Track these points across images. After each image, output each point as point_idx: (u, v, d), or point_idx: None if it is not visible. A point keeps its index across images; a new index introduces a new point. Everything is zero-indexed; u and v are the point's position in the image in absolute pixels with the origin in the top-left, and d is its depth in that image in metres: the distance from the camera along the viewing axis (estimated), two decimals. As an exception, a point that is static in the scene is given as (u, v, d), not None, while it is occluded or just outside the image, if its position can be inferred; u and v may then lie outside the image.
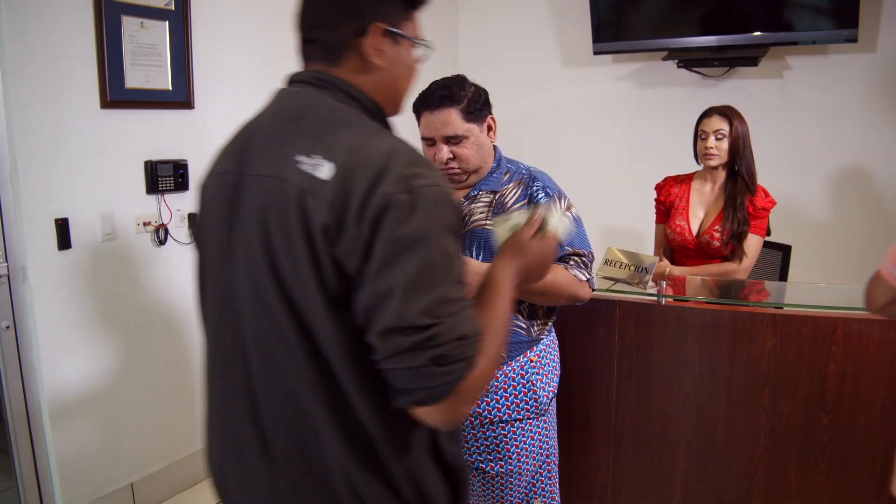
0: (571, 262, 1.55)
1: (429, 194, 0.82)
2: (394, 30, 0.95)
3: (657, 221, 2.53)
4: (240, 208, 0.92)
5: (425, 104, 1.53)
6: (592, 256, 1.60)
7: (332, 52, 0.94)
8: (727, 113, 2.30)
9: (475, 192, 1.58)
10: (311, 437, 0.89)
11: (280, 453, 0.91)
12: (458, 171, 1.55)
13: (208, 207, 1.00)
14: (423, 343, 0.79)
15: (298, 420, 0.89)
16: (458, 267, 0.84)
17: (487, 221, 1.54)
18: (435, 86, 1.53)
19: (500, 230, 1.14)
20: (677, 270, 2.34)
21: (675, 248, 2.44)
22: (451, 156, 1.53)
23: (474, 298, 0.94)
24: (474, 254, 1.53)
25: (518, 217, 1.13)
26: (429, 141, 1.55)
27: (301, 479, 0.91)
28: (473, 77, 1.59)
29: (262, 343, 0.90)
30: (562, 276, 1.51)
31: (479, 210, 1.56)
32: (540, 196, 1.56)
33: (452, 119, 1.50)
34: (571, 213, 1.59)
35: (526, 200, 1.56)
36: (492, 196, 1.57)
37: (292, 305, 0.86)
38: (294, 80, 0.98)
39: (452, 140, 1.51)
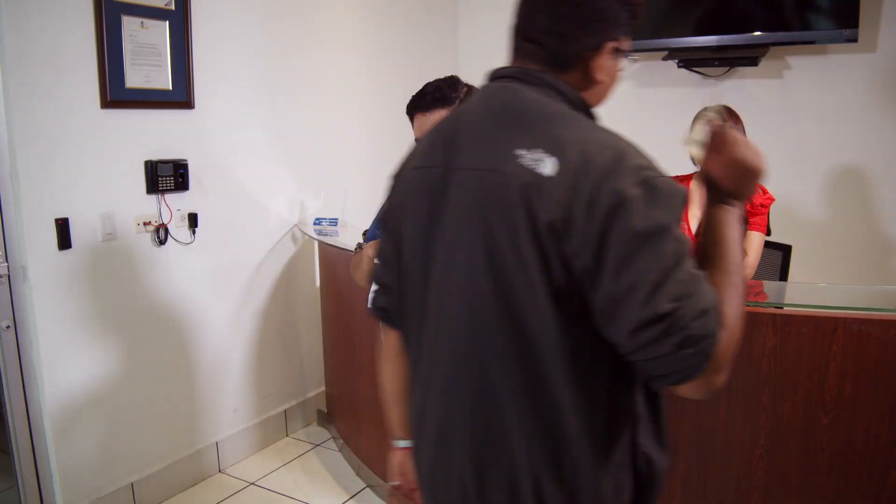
0: None
1: (661, 186, 0.82)
2: (621, 48, 0.96)
3: (657, 221, 2.53)
4: (446, 202, 0.92)
5: (418, 106, 1.52)
6: None
7: (560, 61, 0.95)
8: (722, 113, 2.29)
9: None
10: (500, 436, 0.89)
11: (468, 449, 0.92)
12: None
13: (407, 200, 1.00)
14: (667, 330, 0.79)
15: (493, 417, 0.89)
16: (688, 247, 0.84)
17: None
18: (427, 87, 1.53)
19: (694, 151, 1.08)
20: None
21: (674, 247, 2.44)
22: None
23: (702, 262, 0.93)
24: None
25: (697, 133, 1.08)
26: None
27: (488, 477, 0.91)
28: (473, 77, 1.59)
29: (468, 336, 0.90)
30: None
31: None
32: None
33: None
34: None
35: None
36: None
37: (507, 299, 0.86)
38: (497, 75, 0.98)
39: None
